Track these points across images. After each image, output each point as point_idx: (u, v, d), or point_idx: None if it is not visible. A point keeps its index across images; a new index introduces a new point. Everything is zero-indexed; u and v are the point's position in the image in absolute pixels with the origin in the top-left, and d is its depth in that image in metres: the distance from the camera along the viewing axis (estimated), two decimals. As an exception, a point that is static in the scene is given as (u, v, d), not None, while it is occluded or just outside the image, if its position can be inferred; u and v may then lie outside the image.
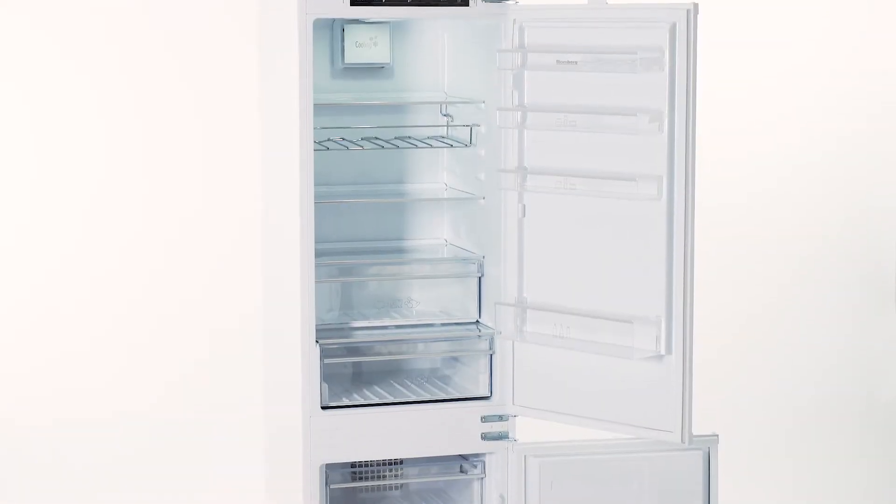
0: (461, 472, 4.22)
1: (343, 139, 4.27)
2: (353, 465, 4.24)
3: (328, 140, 4.24)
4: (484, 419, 4.11)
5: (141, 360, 4.92)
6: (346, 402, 4.08)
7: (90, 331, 4.91)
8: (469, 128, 4.26)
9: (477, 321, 4.26)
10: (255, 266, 4.63)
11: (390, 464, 4.29)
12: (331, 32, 4.35)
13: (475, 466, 4.17)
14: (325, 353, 4.01)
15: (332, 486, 4.11)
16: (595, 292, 3.93)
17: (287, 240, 4.06)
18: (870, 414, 5.49)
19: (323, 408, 4.00)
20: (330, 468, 4.09)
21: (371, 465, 4.27)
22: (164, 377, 4.94)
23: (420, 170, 4.46)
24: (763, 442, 5.30)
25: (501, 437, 4.11)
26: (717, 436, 4.12)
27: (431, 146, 4.31)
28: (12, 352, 4.86)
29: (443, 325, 4.26)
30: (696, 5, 3.74)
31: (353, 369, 4.36)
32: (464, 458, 4.21)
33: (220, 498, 4.87)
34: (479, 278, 4.25)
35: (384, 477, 4.29)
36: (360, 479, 4.27)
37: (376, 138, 4.31)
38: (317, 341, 3.99)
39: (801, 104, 5.36)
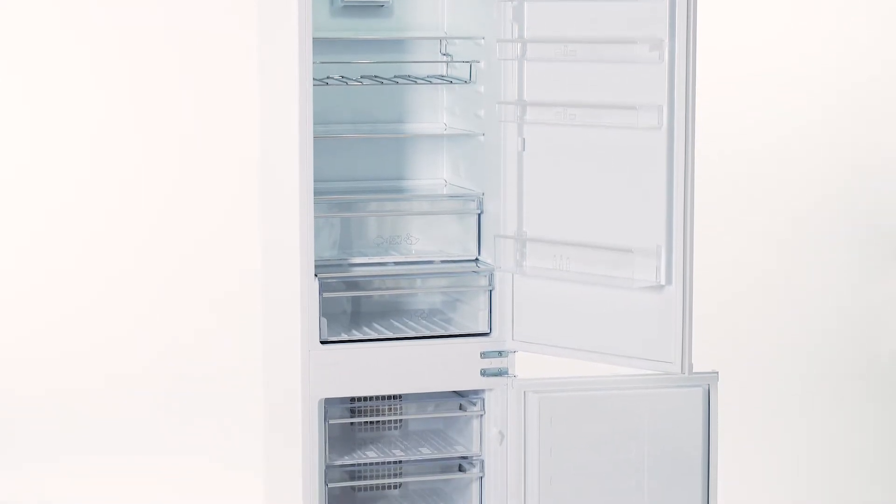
0: (460, 409, 4.20)
1: (342, 76, 4.26)
2: (351, 400, 4.23)
3: (328, 77, 4.23)
4: (483, 355, 4.09)
5: (143, 313, 4.92)
6: (344, 337, 4.07)
7: (98, 281, 4.91)
8: (468, 64, 4.25)
9: (476, 259, 4.25)
10: (253, 210, 4.62)
11: (390, 399, 4.27)
12: (330, -31, 4.35)
13: (474, 404, 4.16)
14: (323, 288, 4.00)
15: (330, 422, 4.10)
16: (595, 224, 3.92)
17: (286, 176, 4.04)
18: (871, 363, 5.49)
19: (322, 342, 3.98)
20: (329, 404, 4.08)
21: (370, 401, 4.26)
22: (166, 328, 4.95)
23: (419, 109, 4.45)
24: (763, 382, 5.30)
25: (501, 373, 4.10)
26: (717, 373, 4.10)
27: (431, 83, 4.29)
28: (9, 316, 4.85)
29: (442, 262, 4.25)
30: (695, -68, 3.73)
31: (353, 308, 4.35)
32: (462, 395, 4.20)
33: (221, 440, 4.87)
34: (479, 215, 4.24)
35: (382, 413, 4.27)
36: (359, 414, 4.25)
37: (376, 76, 4.30)
38: (315, 276, 3.97)
39: (806, 53, 5.35)
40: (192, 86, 4.88)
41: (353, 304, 4.35)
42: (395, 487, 4.33)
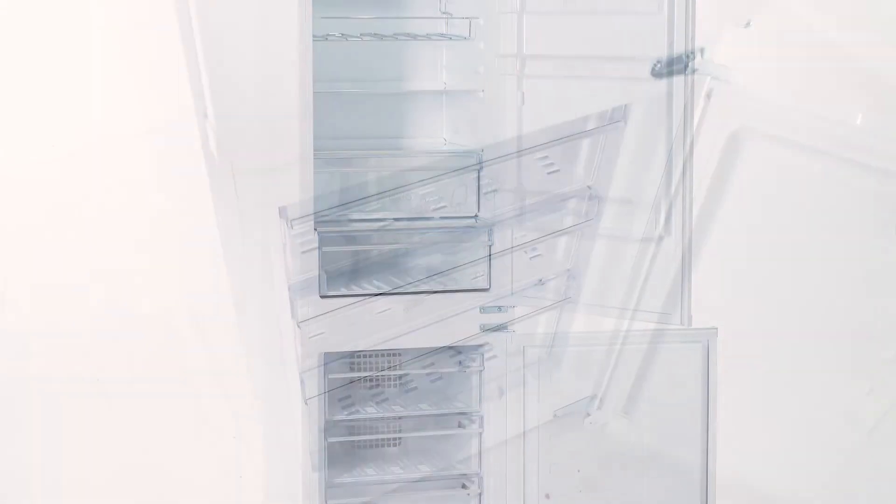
0: (459, 365, 4.20)
1: (342, 33, 4.26)
2: (351, 356, 4.23)
3: (328, 33, 4.23)
4: (483, 310, 4.09)
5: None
6: (344, 291, 4.07)
7: (98, 254, 4.91)
8: (468, 21, 4.25)
9: (476, 216, 4.25)
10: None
11: (389, 355, 4.28)
12: (328, -74, 4.35)
13: (473, 359, 4.16)
14: (323, 241, 4.00)
15: (330, 377, 4.10)
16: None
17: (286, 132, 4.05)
18: (871, 323, 5.48)
19: (322, 297, 3.99)
20: (329, 358, 4.08)
21: (370, 357, 4.26)
22: (166, 289, 4.94)
23: (419, 67, 4.45)
24: (762, 340, 5.30)
25: (500, 328, 4.10)
26: (716, 328, 4.11)
27: (430, 40, 4.30)
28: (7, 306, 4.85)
29: (442, 218, 4.25)
30: None
31: (352, 265, 4.35)
32: (462, 351, 4.20)
33: (220, 397, 4.87)
34: (478, 172, 4.24)
35: (382, 369, 4.28)
36: (359, 370, 4.26)
37: (375, 33, 4.30)
38: (315, 229, 3.97)
39: (808, 13, 5.34)
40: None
41: (352, 262, 4.35)
42: (395, 445, 4.33)
